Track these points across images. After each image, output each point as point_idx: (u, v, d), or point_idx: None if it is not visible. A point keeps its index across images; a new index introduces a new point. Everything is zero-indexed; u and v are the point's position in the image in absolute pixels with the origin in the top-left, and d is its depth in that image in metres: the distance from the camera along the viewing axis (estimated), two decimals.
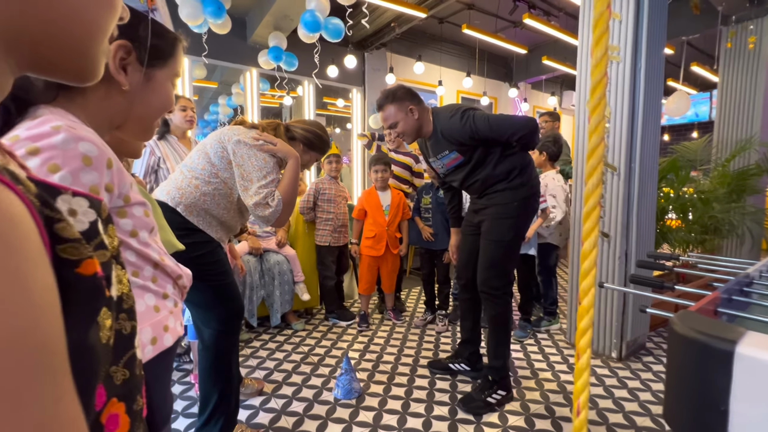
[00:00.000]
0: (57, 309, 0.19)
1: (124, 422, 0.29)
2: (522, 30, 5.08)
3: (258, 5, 3.89)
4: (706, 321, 0.58)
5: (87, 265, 0.24)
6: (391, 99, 1.81)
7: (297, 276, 2.73)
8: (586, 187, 0.50)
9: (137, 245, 0.62)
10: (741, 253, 3.48)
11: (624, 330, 2.23)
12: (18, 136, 0.49)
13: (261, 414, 1.73)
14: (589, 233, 0.49)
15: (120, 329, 0.30)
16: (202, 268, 1.31)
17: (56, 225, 0.22)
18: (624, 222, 2.17)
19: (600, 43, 0.50)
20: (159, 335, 0.63)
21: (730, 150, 3.51)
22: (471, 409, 1.72)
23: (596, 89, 0.51)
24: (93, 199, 0.29)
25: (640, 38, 2.10)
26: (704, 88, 7.59)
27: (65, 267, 0.22)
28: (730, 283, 0.86)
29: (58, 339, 0.19)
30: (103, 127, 0.60)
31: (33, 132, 0.49)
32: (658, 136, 2.29)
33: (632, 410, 1.74)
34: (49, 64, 0.26)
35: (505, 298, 1.79)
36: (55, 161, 0.49)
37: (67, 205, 0.26)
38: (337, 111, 5.88)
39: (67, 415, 0.18)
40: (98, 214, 0.29)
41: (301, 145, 1.56)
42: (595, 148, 0.48)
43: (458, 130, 1.72)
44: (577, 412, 0.50)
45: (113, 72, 0.57)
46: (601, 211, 2.27)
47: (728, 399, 0.51)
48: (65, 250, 0.23)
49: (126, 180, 0.61)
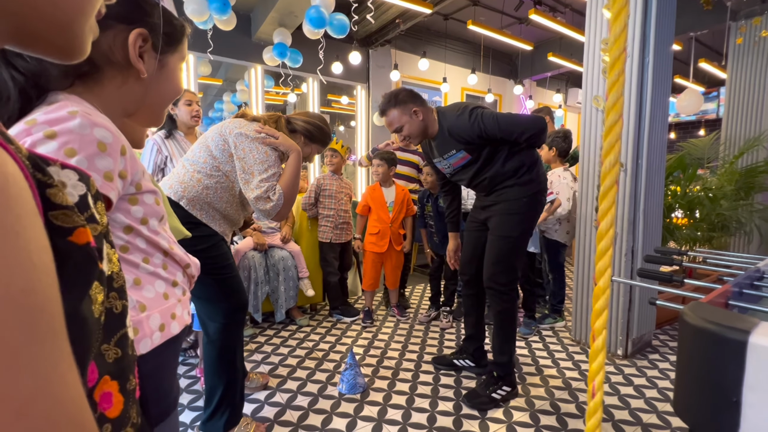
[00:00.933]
0: (54, 271, 0.18)
1: (118, 401, 0.28)
2: (527, 26, 5.05)
3: (263, 2, 3.89)
4: (718, 311, 0.57)
5: (80, 234, 0.23)
6: (394, 103, 1.79)
7: (302, 272, 2.73)
8: (602, 186, 0.50)
9: (147, 232, 0.63)
10: (749, 250, 3.45)
11: (630, 327, 2.22)
12: (35, 120, 0.49)
13: (266, 408, 1.74)
14: (606, 213, 0.49)
15: (111, 307, 0.30)
16: (207, 261, 1.31)
17: (48, 190, 0.22)
18: (631, 219, 2.16)
19: (617, 42, 0.49)
20: (167, 322, 0.63)
21: (739, 147, 3.47)
22: (476, 404, 1.72)
23: (613, 87, 0.50)
24: (82, 173, 0.28)
25: (648, 34, 2.08)
26: (711, 85, 7.51)
27: (58, 234, 0.21)
28: (741, 276, 0.86)
29: (56, 302, 0.18)
30: (116, 115, 0.61)
31: (50, 116, 0.49)
32: (666, 133, 2.27)
33: (638, 407, 1.74)
34: (33, 37, 0.25)
35: (511, 294, 1.79)
36: (71, 145, 0.50)
37: (56, 176, 0.25)
38: (342, 108, 5.87)
39: (65, 379, 0.18)
40: (88, 189, 0.28)
41: (302, 138, 1.55)
42: (612, 147, 0.47)
43: (467, 129, 1.71)
44: (593, 394, 0.49)
45: (133, 60, 0.57)
46: None
47: (741, 390, 0.50)
48: (57, 216, 0.22)
49: (138, 168, 0.61)
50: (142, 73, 0.58)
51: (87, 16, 0.27)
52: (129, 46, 0.56)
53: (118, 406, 0.28)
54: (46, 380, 0.16)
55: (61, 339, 0.18)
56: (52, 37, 0.26)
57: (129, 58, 0.57)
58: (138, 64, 0.57)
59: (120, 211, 0.59)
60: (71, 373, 0.18)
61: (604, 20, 2.23)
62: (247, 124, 1.39)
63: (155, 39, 0.59)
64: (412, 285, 3.64)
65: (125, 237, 0.60)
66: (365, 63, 5.01)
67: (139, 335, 0.58)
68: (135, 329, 0.57)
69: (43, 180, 0.21)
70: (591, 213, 2.33)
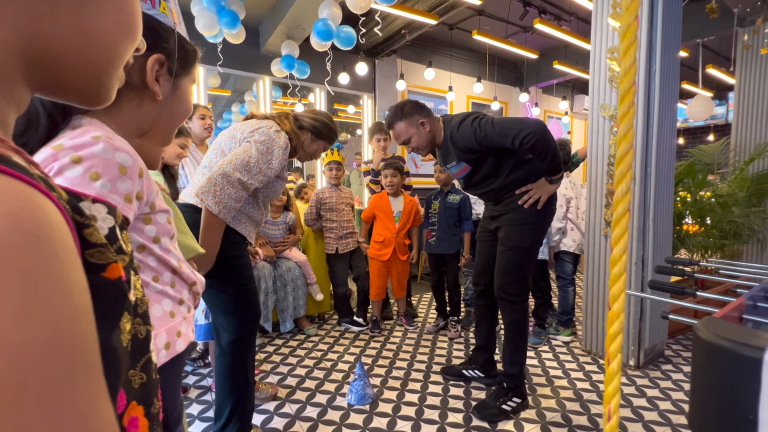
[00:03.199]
0: (91, 310, 0.20)
1: (143, 425, 0.30)
2: (532, 35, 5.07)
3: (271, 15, 3.96)
4: (732, 327, 0.57)
5: (112, 270, 0.25)
6: (400, 116, 1.79)
7: (309, 278, 2.75)
8: (616, 193, 0.50)
9: (159, 251, 0.64)
10: (762, 258, 3.39)
11: (642, 337, 2.18)
12: (62, 145, 0.52)
13: (276, 419, 1.74)
14: (619, 239, 0.49)
15: (136, 333, 0.31)
16: (235, 269, 1.35)
17: (85, 230, 0.23)
18: (640, 227, 2.14)
19: (628, 52, 0.50)
20: (172, 341, 0.65)
21: (749, 153, 3.43)
22: (486, 416, 1.71)
23: (625, 97, 0.51)
24: (110, 205, 0.30)
25: (654, 41, 2.08)
26: (720, 90, 7.45)
27: (93, 271, 0.23)
28: (755, 289, 0.85)
29: (94, 340, 0.19)
30: (131, 134, 0.63)
31: (75, 142, 0.53)
32: (674, 139, 2.26)
33: (652, 420, 1.71)
34: (64, 86, 0.26)
35: (522, 305, 1.77)
36: (95, 170, 0.53)
37: (88, 211, 0.27)
38: (348, 117, 5.93)
39: (102, 414, 0.19)
40: (115, 220, 0.30)
41: (309, 134, 1.56)
42: (625, 155, 0.48)
43: (467, 137, 1.69)
44: (608, 418, 0.49)
45: (150, 83, 0.60)
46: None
47: (757, 407, 0.50)
48: (93, 254, 0.24)
49: (153, 188, 0.63)
50: (158, 95, 0.61)
51: (116, 68, 0.28)
52: (147, 71, 0.59)
53: (143, 430, 0.29)
54: (85, 417, 0.18)
55: (98, 375, 0.19)
56: (84, 88, 0.27)
57: (145, 81, 0.60)
58: (154, 87, 0.60)
59: (134, 230, 0.61)
60: (107, 407, 0.20)
61: (609, 29, 2.24)
62: (257, 124, 1.41)
63: (171, 63, 0.62)
64: (420, 294, 3.63)
65: (138, 256, 0.62)
66: (371, 73, 5.06)
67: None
68: None
69: (81, 221, 0.23)
70: (600, 222, 2.31)
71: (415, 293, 3.57)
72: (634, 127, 0.48)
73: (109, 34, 0.27)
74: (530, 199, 1.71)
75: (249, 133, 1.38)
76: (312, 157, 1.63)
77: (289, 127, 1.47)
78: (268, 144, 1.36)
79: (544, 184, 1.71)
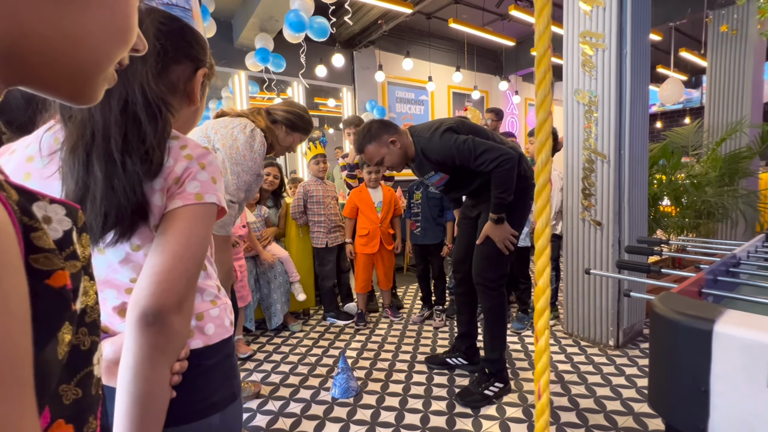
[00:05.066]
0: (29, 320, 0.19)
1: None
2: (510, 22, 5.07)
3: (243, 7, 3.87)
4: (686, 301, 0.57)
5: (57, 277, 0.24)
6: (368, 139, 1.78)
7: (292, 276, 2.72)
8: (537, 163, 0.50)
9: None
10: (735, 235, 3.49)
11: (620, 317, 2.23)
12: (192, 155, 0.58)
13: (258, 417, 1.72)
14: (541, 212, 0.48)
15: (78, 344, 0.29)
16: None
17: (32, 234, 0.22)
18: (615, 209, 2.17)
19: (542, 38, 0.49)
20: (230, 320, 0.69)
21: (721, 134, 3.51)
22: (469, 402, 1.72)
23: (541, 62, 0.50)
24: (70, 206, 0.28)
25: (624, 24, 2.10)
26: (694, 74, 7.60)
27: (35, 277, 0.22)
28: (716, 264, 0.86)
29: (28, 351, 0.18)
30: None
31: (197, 152, 0.59)
32: (647, 122, 2.29)
33: (630, 397, 1.74)
34: (44, 83, 0.26)
35: (500, 290, 1.79)
36: (214, 174, 0.60)
37: (43, 212, 0.25)
38: (329, 111, 5.86)
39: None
40: (74, 223, 0.28)
41: (283, 127, 1.54)
42: (543, 123, 0.47)
43: (439, 150, 1.69)
44: (539, 396, 0.49)
45: (196, 92, 0.66)
46: (592, 200, 2.27)
47: (709, 379, 0.50)
48: (38, 260, 0.22)
49: None
50: (197, 103, 0.67)
51: (102, 69, 0.27)
52: (195, 82, 0.66)
53: None
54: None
55: (28, 390, 0.18)
56: (66, 86, 0.26)
57: (188, 89, 0.66)
58: (197, 96, 0.67)
59: None
60: (34, 426, 0.19)
61: (581, 12, 2.24)
62: (230, 122, 1.39)
63: (210, 74, 0.70)
64: (406, 285, 3.63)
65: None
66: (350, 65, 5.01)
67: (217, 322, 0.65)
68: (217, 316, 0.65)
69: (29, 224, 0.22)
70: (578, 206, 2.34)
71: (401, 284, 3.57)
72: (551, 93, 0.47)
73: (94, 36, 0.26)
74: (503, 248, 1.72)
75: (222, 140, 1.34)
76: (288, 150, 1.60)
77: (264, 124, 1.44)
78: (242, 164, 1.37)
79: (493, 229, 1.70)
